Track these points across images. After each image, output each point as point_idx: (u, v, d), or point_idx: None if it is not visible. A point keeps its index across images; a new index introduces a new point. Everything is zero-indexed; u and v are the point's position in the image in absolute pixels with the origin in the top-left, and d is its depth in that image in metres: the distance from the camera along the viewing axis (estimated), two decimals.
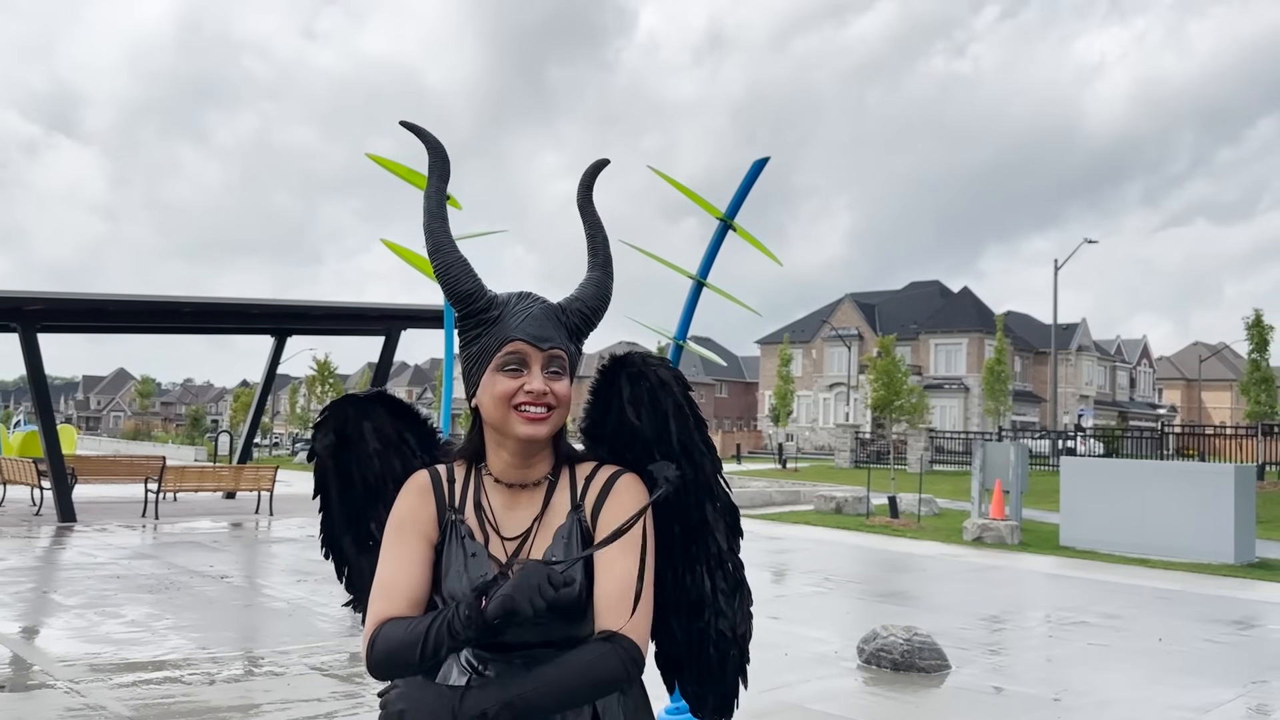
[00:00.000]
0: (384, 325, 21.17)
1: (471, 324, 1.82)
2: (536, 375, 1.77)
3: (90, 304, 18.51)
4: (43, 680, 6.51)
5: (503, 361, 1.77)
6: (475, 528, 1.83)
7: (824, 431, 64.71)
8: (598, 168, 2.03)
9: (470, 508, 1.86)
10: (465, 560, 1.80)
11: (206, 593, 10.07)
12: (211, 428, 76.39)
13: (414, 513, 1.84)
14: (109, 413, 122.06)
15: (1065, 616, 10.27)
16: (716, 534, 1.97)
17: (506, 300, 1.82)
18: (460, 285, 1.82)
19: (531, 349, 1.77)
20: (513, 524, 1.84)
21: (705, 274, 6.16)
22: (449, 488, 1.87)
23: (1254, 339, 35.03)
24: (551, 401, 1.77)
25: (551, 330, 1.80)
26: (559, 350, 1.80)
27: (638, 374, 1.92)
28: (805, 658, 7.89)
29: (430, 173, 1.95)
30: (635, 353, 1.96)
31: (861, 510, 20.90)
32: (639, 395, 1.92)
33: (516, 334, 1.77)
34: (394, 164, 5.86)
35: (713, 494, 1.95)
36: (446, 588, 1.80)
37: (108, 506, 18.84)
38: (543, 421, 1.77)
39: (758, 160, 6.15)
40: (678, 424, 1.91)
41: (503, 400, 1.76)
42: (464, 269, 1.84)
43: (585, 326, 1.88)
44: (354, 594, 2.16)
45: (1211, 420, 70.03)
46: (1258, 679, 7.68)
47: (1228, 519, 14.79)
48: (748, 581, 2.03)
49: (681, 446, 1.92)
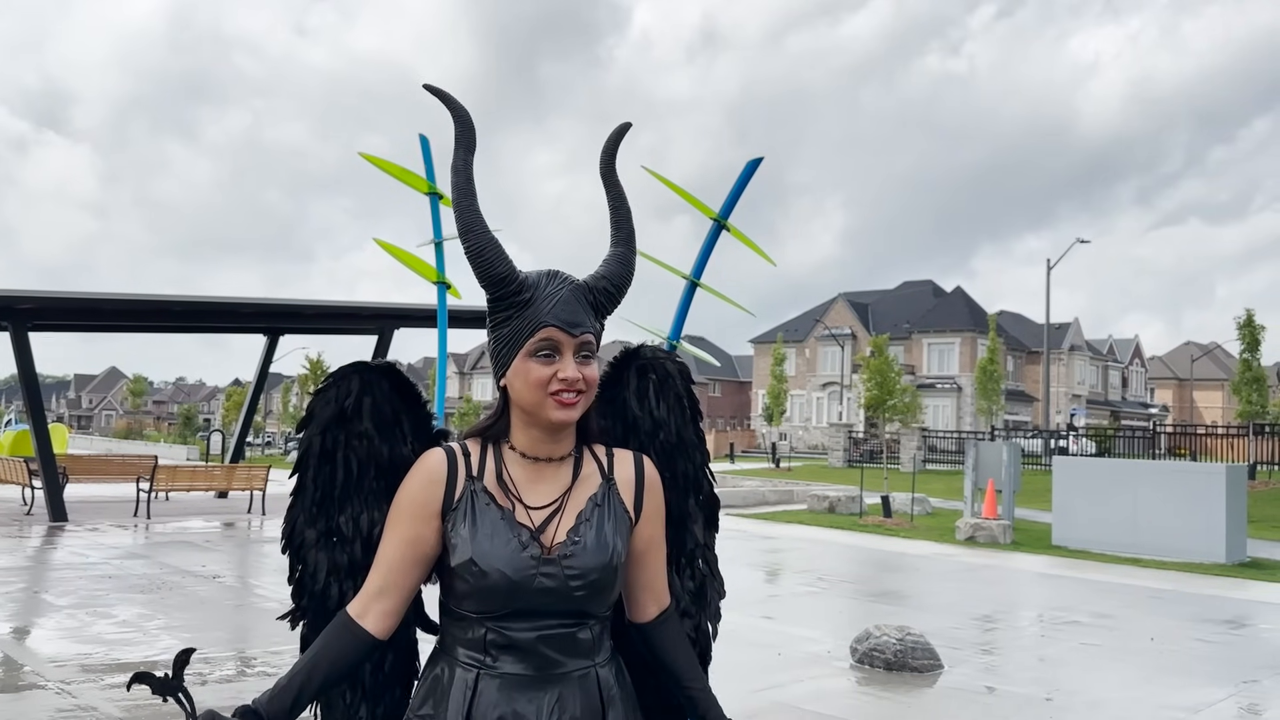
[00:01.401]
0: (377, 324, 21.12)
1: (502, 306, 1.80)
2: (569, 362, 1.76)
3: (82, 302, 18.45)
4: (33, 681, 6.48)
5: (535, 347, 1.76)
6: (499, 495, 1.81)
7: (817, 431, 64.77)
8: (621, 132, 1.98)
9: (491, 477, 1.83)
10: (494, 524, 1.77)
11: (199, 593, 10.04)
12: (204, 427, 76.25)
13: (415, 497, 1.80)
14: (101, 412, 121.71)
15: (1057, 616, 10.29)
16: (694, 527, 2.03)
17: (537, 282, 1.80)
18: (493, 269, 1.80)
19: (564, 335, 1.77)
20: (538, 495, 1.83)
21: (699, 274, 6.15)
22: (465, 461, 1.84)
23: (1245, 339, 35.14)
24: (583, 387, 1.78)
25: (581, 314, 1.79)
26: (590, 335, 1.80)
27: (646, 366, 1.98)
28: (798, 657, 7.89)
29: (456, 144, 1.88)
30: (646, 345, 2.01)
31: (855, 510, 20.92)
32: (645, 388, 1.97)
33: (549, 320, 1.76)
34: (386, 163, 5.84)
35: (698, 486, 2.02)
36: (475, 550, 1.75)
37: (99, 506, 18.77)
38: (574, 406, 1.78)
39: (751, 160, 6.15)
40: (677, 417, 1.98)
41: (538, 387, 1.76)
42: (496, 251, 1.81)
43: (610, 304, 1.87)
44: (298, 600, 1.97)
45: (1203, 420, 70.24)
46: (1249, 678, 7.70)
47: (1219, 518, 14.83)
48: (720, 573, 2.09)
49: (679, 438, 1.99)
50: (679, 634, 1.96)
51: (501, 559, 1.74)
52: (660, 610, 1.93)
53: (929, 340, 65.75)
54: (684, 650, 1.95)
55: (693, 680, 1.94)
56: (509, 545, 1.75)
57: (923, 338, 65.88)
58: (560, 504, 1.82)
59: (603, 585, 1.79)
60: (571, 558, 1.77)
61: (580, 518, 1.81)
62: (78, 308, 18.87)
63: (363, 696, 2.00)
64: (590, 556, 1.77)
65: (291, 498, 1.96)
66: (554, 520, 1.80)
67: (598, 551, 1.78)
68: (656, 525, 1.90)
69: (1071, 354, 68.18)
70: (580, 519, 1.81)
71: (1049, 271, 42.54)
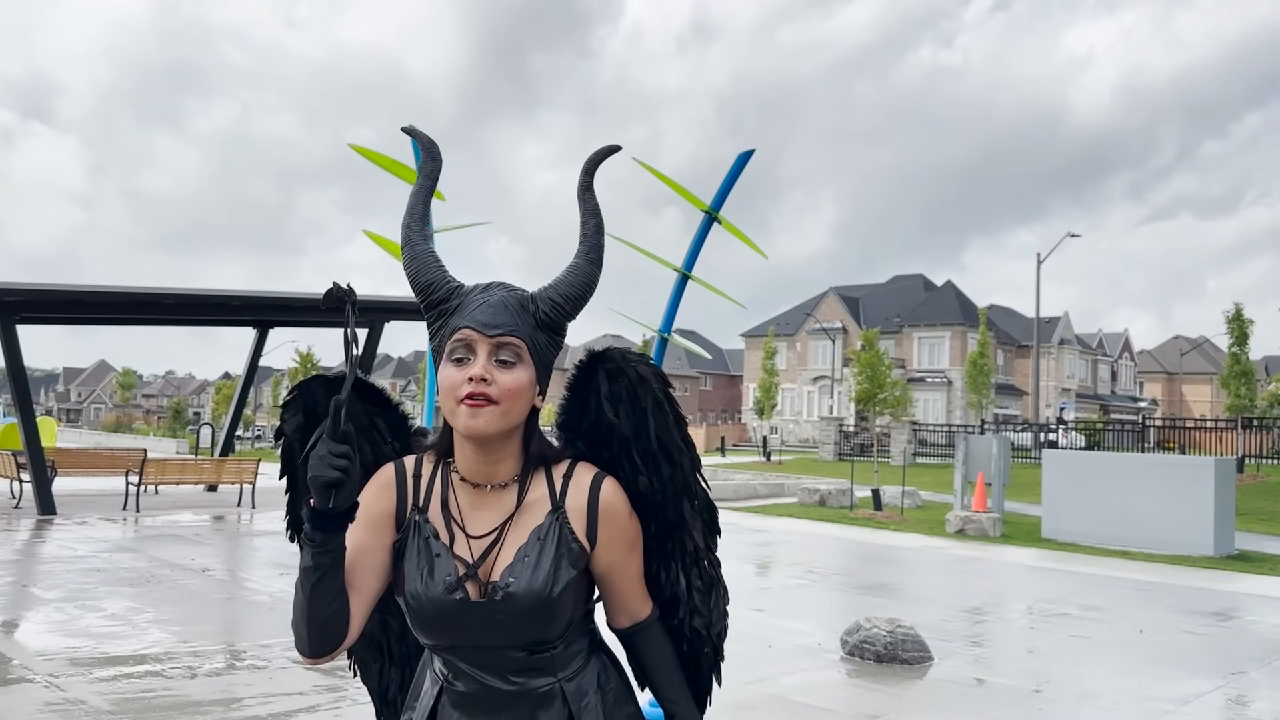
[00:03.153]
0: (367, 317, 21.05)
1: (434, 315, 1.77)
2: (480, 362, 1.68)
3: (71, 295, 18.35)
4: (22, 674, 6.45)
5: (450, 348, 1.71)
6: (441, 527, 1.77)
7: (808, 424, 64.89)
8: (603, 155, 1.93)
9: (436, 505, 1.79)
10: (430, 561, 1.74)
11: (188, 586, 10.01)
12: (193, 420, 76.05)
13: (367, 507, 1.77)
14: (90, 405, 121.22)
15: (1047, 608, 10.33)
16: (694, 531, 1.94)
17: (469, 291, 1.75)
18: (421, 276, 1.78)
19: (478, 335, 1.69)
20: (480, 523, 1.77)
21: (690, 267, 6.15)
22: (414, 484, 1.81)
23: (1234, 333, 35.23)
24: (493, 393, 1.67)
25: (506, 317, 1.71)
26: (511, 338, 1.70)
27: (616, 370, 1.87)
28: (789, 650, 7.90)
29: (420, 171, 1.90)
30: (614, 348, 1.89)
31: (845, 503, 20.97)
32: (617, 392, 1.87)
33: (465, 320, 1.70)
34: (376, 154, 5.82)
35: (691, 492, 1.92)
36: (408, 588, 1.74)
37: (88, 499, 18.71)
38: (482, 412, 1.67)
39: (743, 153, 6.14)
40: (656, 421, 1.87)
41: (449, 392, 1.69)
42: (426, 260, 1.78)
43: (558, 315, 1.77)
44: None
45: (1192, 413, 70.55)
46: (1236, 670, 7.74)
47: (1207, 511, 14.90)
48: (724, 579, 2.01)
49: (659, 444, 1.88)
50: (658, 645, 1.92)
51: (433, 600, 1.72)
52: (633, 621, 1.91)
53: (919, 334, 65.88)
54: (664, 660, 1.92)
55: (669, 691, 1.91)
56: (439, 586, 1.72)
57: (913, 332, 66.01)
58: (500, 534, 1.76)
59: (543, 618, 1.74)
60: (502, 601, 1.71)
61: (519, 554, 1.74)
62: (66, 300, 18.77)
63: (391, 662, 2.12)
64: (524, 596, 1.71)
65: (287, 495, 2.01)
66: (493, 551, 1.75)
67: (532, 589, 1.71)
68: (617, 552, 1.83)
69: (1061, 348, 68.39)
70: (519, 555, 1.74)
71: (1039, 266, 42.67)
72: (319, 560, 1.63)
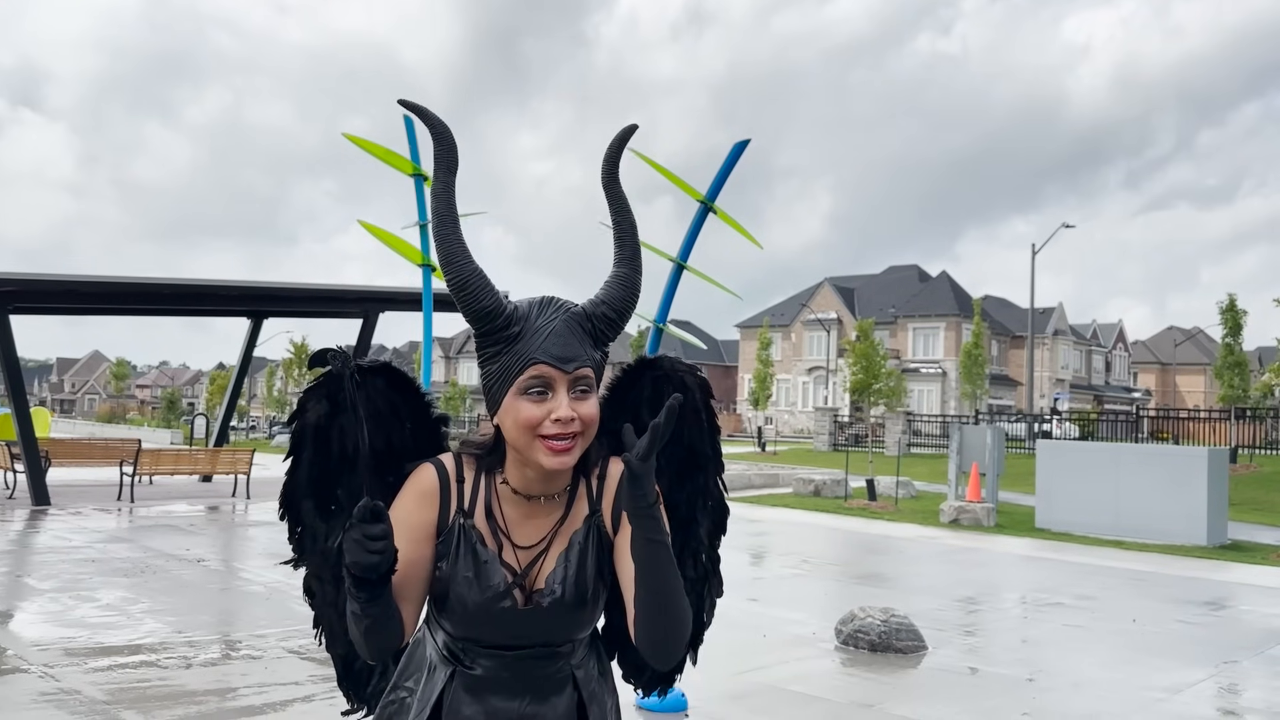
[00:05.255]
0: (361, 308, 21.01)
1: (490, 341, 1.69)
2: (563, 401, 1.65)
3: (64, 285, 18.29)
4: (16, 665, 6.45)
5: (526, 384, 1.65)
6: (486, 534, 1.76)
7: (803, 415, 64.91)
8: (624, 137, 1.83)
9: (481, 511, 1.77)
10: (476, 566, 1.74)
11: (183, 576, 10.00)
12: (187, 411, 75.89)
13: (409, 518, 1.76)
14: (84, 395, 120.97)
15: (1040, 598, 10.36)
16: (700, 529, 2.01)
17: (527, 313, 1.68)
18: (479, 302, 1.68)
19: (556, 371, 1.65)
20: (527, 533, 1.78)
21: (685, 257, 6.14)
22: (457, 489, 1.79)
23: (1227, 323, 35.33)
24: (578, 428, 1.66)
25: (576, 346, 1.67)
26: (586, 369, 1.68)
27: (663, 377, 1.92)
28: (783, 639, 7.92)
29: (436, 165, 1.77)
30: (665, 356, 1.94)
31: (840, 493, 21.00)
32: (660, 397, 1.88)
33: (540, 356, 1.64)
34: (370, 144, 5.80)
35: (707, 494, 1.98)
36: (455, 593, 1.74)
37: (82, 490, 18.67)
38: (569, 451, 1.66)
39: (738, 143, 6.13)
40: (692, 429, 1.93)
41: (527, 429, 1.65)
42: (481, 283, 1.69)
43: (612, 331, 1.76)
44: (300, 554, 2.02)
45: (1185, 404, 70.71)
46: (1229, 659, 7.77)
47: (1201, 501, 14.95)
48: (720, 574, 2.07)
49: (690, 450, 1.93)
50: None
51: (478, 604, 1.73)
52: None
53: (914, 325, 65.92)
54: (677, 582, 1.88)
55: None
56: (486, 592, 1.73)
57: (908, 322, 66.05)
58: (547, 543, 1.77)
59: (581, 620, 1.78)
60: (546, 607, 1.74)
61: (561, 560, 1.76)
62: (60, 290, 18.71)
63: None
64: (567, 603, 1.75)
65: (286, 475, 1.96)
66: (539, 561, 1.76)
67: (574, 596, 1.75)
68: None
69: (1055, 338, 68.47)
70: (561, 561, 1.76)
71: (1034, 256, 42.66)
72: (369, 610, 1.63)
